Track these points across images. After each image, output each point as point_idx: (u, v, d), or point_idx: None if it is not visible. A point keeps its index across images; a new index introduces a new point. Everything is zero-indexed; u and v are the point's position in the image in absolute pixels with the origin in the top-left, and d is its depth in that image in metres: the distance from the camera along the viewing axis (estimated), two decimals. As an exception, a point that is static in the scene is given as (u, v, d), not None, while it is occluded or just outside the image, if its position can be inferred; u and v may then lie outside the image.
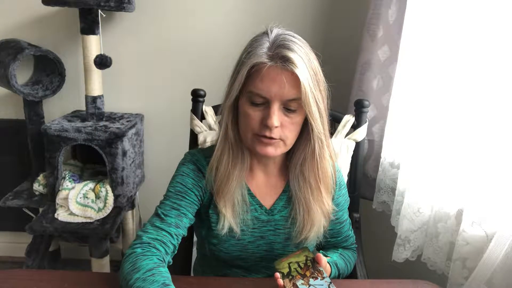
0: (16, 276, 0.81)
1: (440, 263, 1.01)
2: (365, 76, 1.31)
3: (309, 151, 0.83)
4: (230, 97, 0.79)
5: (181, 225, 0.83)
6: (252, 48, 0.77)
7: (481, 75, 0.92)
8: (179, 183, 0.87)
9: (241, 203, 0.86)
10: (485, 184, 0.90)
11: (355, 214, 1.22)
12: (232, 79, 0.80)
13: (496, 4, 0.88)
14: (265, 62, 0.74)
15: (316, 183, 0.86)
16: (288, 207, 0.90)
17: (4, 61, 1.48)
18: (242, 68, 0.76)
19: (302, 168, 0.86)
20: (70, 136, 1.47)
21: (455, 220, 0.97)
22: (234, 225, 0.85)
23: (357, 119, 1.19)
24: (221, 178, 0.84)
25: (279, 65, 0.73)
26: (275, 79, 0.74)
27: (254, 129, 0.78)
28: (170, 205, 0.84)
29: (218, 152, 0.84)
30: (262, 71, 0.74)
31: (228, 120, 0.82)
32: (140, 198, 1.86)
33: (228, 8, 1.63)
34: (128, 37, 1.67)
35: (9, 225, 1.88)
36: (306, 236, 0.87)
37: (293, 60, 0.73)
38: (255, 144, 0.79)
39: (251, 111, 0.78)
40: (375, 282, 0.87)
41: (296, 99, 0.76)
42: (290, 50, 0.74)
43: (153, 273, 0.72)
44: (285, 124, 0.78)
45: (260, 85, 0.75)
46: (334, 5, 1.61)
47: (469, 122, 0.95)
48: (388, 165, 1.27)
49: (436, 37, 1.06)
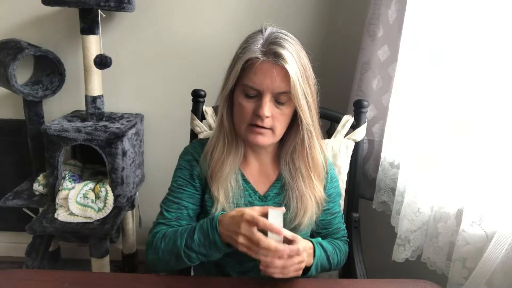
0: (16, 276, 0.81)
1: (440, 263, 1.01)
2: (365, 76, 1.31)
3: (299, 141, 0.90)
4: (226, 88, 0.86)
5: (183, 217, 0.91)
6: (247, 44, 0.84)
7: (481, 75, 0.92)
8: (179, 177, 0.94)
9: (235, 188, 0.91)
10: (485, 184, 0.90)
11: (355, 214, 1.22)
12: (228, 72, 0.87)
13: (496, 4, 0.88)
14: (258, 57, 0.81)
15: (307, 171, 0.92)
16: (281, 195, 0.95)
17: (4, 61, 1.47)
18: (237, 62, 0.83)
19: (293, 157, 0.93)
20: (70, 136, 1.47)
21: (455, 220, 0.97)
22: (227, 208, 0.90)
23: (356, 119, 1.20)
24: (215, 163, 0.90)
25: (271, 60, 0.80)
26: (267, 73, 0.81)
27: (247, 119, 0.85)
28: (171, 200, 0.93)
29: (213, 139, 0.91)
30: (255, 65, 0.81)
31: (224, 110, 0.89)
32: (140, 198, 1.86)
33: (228, 8, 1.63)
34: (128, 37, 1.67)
35: (9, 225, 1.88)
36: (299, 222, 0.92)
37: (284, 56, 0.80)
38: (247, 133, 0.86)
39: (245, 103, 0.84)
40: (375, 282, 0.87)
41: (285, 92, 0.82)
42: (282, 47, 0.81)
43: (165, 234, 0.86)
44: (275, 115, 0.84)
45: (254, 78, 0.82)
46: (334, 5, 1.61)
47: (469, 122, 0.95)
48: (388, 165, 1.27)
49: (436, 37, 1.06)
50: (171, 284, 0.81)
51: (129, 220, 1.75)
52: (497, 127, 0.89)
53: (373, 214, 1.39)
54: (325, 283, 0.81)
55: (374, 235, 1.44)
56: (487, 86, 0.91)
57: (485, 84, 0.91)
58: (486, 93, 0.91)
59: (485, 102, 0.91)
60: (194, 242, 0.81)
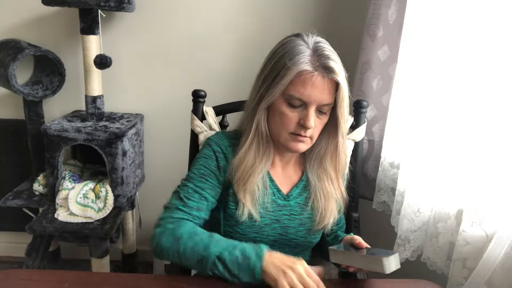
0: (16, 276, 0.81)
1: (440, 263, 1.02)
2: (365, 76, 1.31)
3: (333, 145, 0.93)
4: (269, 98, 0.85)
5: (203, 208, 0.89)
6: (292, 54, 0.83)
7: (481, 75, 0.92)
8: (202, 166, 0.92)
9: (262, 189, 0.91)
10: (485, 184, 0.90)
11: (355, 214, 1.22)
12: (271, 79, 0.85)
13: (496, 3, 0.88)
14: (310, 71, 0.81)
15: (335, 174, 0.95)
16: (303, 195, 0.97)
17: (4, 61, 1.47)
18: (287, 73, 0.82)
19: (324, 160, 0.95)
20: (70, 136, 1.47)
21: (455, 220, 0.97)
22: (253, 212, 0.90)
23: (355, 119, 1.20)
24: (247, 169, 0.89)
25: (323, 74, 0.81)
26: (317, 87, 0.82)
27: (290, 128, 0.86)
28: (193, 188, 0.89)
29: (247, 145, 0.90)
30: (305, 78, 0.81)
31: (261, 118, 0.89)
32: (140, 198, 1.86)
33: (228, 8, 1.63)
34: (128, 37, 1.67)
35: (9, 225, 1.89)
36: (326, 223, 0.95)
37: (336, 70, 0.82)
38: (288, 141, 0.87)
39: (289, 112, 0.85)
40: (375, 282, 0.87)
41: (329, 104, 0.85)
42: (332, 60, 0.82)
43: (196, 232, 0.82)
44: (316, 125, 0.86)
45: (302, 90, 0.82)
46: (334, 5, 1.61)
47: (469, 122, 0.95)
48: (388, 165, 1.27)
49: (436, 37, 1.06)
50: (171, 284, 0.81)
51: (129, 220, 1.75)
52: (497, 127, 0.89)
53: (373, 214, 1.39)
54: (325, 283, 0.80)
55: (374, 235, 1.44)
56: (487, 86, 0.91)
57: (485, 84, 0.91)
58: (486, 93, 0.91)
59: (485, 102, 0.91)
60: (232, 257, 0.77)
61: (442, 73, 1.03)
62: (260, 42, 1.63)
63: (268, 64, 0.87)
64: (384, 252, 0.80)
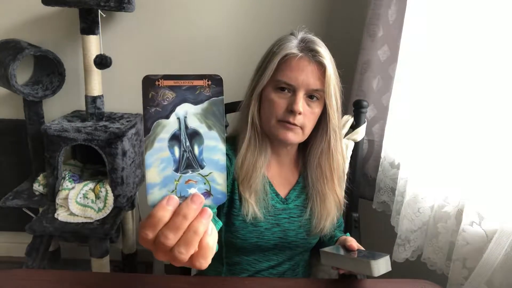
0: (16, 276, 0.81)
1: (440, 263, 1.01)
2: (365, 76, 1.31)
3: (326, 144, 0.91)
4: (259, 85, 0.86)
5: None
6: (281, 42, 0.85)
7: (481, 74, 0.92)
8: None
9: (263, 191, 0.90)
10: (485, 184, 0.90)
11: (354, 214, 1.22)
12: (261, 69, 0.87)
13: (496, 3, 0.88)
14: (296, 53, 0.82)
15: (331, 175, 0.93)
16: (301, 197, 0.96)
17: (4, 61, 1.47)
18: (273, 58, 0.84)
19: (320, 160, 0.93)
20: (70, 136, 1.47)
21: (455, 220, 0.97)
22: (258, 212, 0.89)
23: (356, 119, 1.20)
24: (250, 167, 0.88)
25: (309, 56, 0.82)
26: (303, 69, 0.82)
27: (278, 115, 0.85)
28: None
29: (246, 141, 0.89)
30: (292, 61, 0.83)
31: (254, 109, 0.88)
32: (140, 198, 1.86)
33: (228, 8, 1.63)
34: (128, 37, 1.67)
35: (9, 225, 1.88)
36: (323, 226, 0.93)
37: (322, 53, 0.82)
38: (277, 129, 0.86)
39: (277, 98, 0.85)
40: (375, 282, 0.87)
41: (318, 90, 0.84)
42: (318, 45, 0.84)
43: None
44: (306, 113, 0.85)
45: (289, 73, 0.83)
46: (334, 5, 1.61)
47: (469, 122, 0.95)
48: (388, 165, 1.27)
49: (436, 37, 1.06)
50: (171, 284, 0.81)
51: (129, 220, 1.75)
52: (496, 127, 0.89)
53: (373, 214, 1.39)
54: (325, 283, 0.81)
55: (374, 235, 1.44)
56: (487, 85, 0.91)
57: (485, 83, 0.91)
58: (486, 93, 0.91)
59: (484, 102, 0.91)
60: None
61: (442, 73, 1.03)
62: (260, 42, 1.62)
63: (260, 61, 0.90)
64: (375, 255, 0.80)
